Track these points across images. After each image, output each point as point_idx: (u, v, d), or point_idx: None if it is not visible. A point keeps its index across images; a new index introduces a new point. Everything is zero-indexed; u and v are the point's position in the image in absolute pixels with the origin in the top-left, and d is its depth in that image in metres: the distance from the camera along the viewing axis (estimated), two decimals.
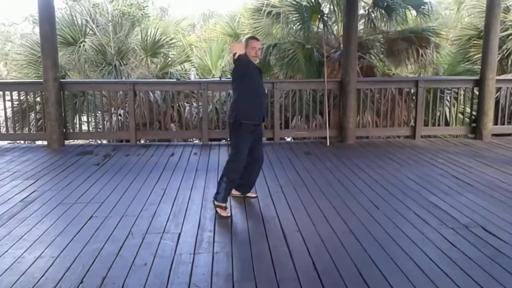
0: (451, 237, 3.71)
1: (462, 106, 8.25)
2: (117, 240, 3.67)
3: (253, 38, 4.48)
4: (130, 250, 3.49)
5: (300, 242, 3.64)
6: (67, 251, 3.49)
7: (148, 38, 10.58)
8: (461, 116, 8.24)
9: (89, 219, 4.15)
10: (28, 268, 3.21)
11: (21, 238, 3.73)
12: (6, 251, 3.48)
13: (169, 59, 10.73)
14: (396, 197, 4.72)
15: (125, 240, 3.67)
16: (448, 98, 8.18)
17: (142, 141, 8.20)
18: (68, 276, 3.09)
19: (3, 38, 31.65)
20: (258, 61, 4.45)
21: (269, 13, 10.20)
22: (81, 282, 3.01)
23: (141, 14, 11.72)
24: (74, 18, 10.34)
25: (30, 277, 3.07)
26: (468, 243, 3.60)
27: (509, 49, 9.25)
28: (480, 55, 8.06)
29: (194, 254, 3.42)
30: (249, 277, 3.08)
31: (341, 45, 8.44)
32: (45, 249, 3.53)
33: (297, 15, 9.42)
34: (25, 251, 3.48)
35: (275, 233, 3.82)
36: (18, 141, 8.11)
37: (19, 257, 3.37)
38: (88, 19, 10.47)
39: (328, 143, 7.44)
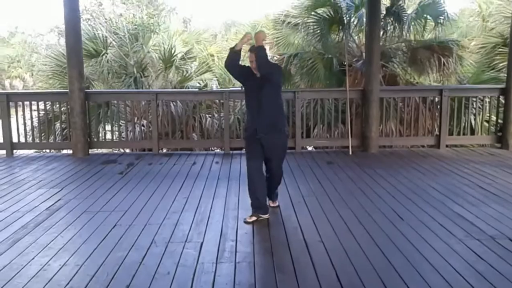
0: (478, 249, 3.63)
1: (488, 115, 8.10)
2: (140, 249, 3.70)
3: (249, 50, 4.30)
4: (153, 258, 3.52)
5: (323, 253, 3.60)
6: (92, 259, 3.54)
7: (167, 51, 10.68)
8: (486, 125, 8.08)
9: (113, 228, 4.20)
10: (53, 276, 3.25)
11: (46, 246, 3.79)
12: (33, 258, 3.54)
13: (186, 73, 10.83)
14: (420, 208, 4.65)
15: (148, 249, 3.70)
16: (474, 107, 8.03)
17: (165, 150, 8.26)
18: (92, 284, 3.12)
19: (30, 49, 32.48)
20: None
21: (289, 23, 10.24)
22: None
23: (152, 23, 11.78)
24: (95, 31, 10.55)
25: (55, 285, 3.11)
26: (496, 255, 3.52)
27: None
28: (506, 63, 7.92)
29: (216, 263, 3.42)
30: (271, 287, 3.06)
31: (363, 54, 8.41)
32: (70, 257, 3.58)
33: (316, 26, 9.41)
34: (50, 259, 3.53)
35: (298, 244, 3.80)
36: (44, 150, 8.28)
37: (44, 265, 3.42)
38: (105, 33, 10.66)
39: (350, 152, 7.39)
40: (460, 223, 4.20)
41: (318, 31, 9.40)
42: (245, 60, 5.43)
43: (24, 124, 7.80)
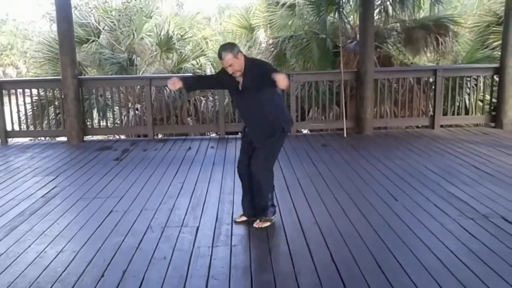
0: (471, 228, 3.67)
1: (482, 94, 8.10)
2: (136, 234, 3.72)
3: (218, 55, 3.53)
4: (149, 243, 3.54)
5: (318, 235, 3.63)
6: (88, 245, 3.56)
7: (162, 34, 10.62)
8: (480, 104, 8.09)
9: (109, 214, 4.21)
10: (50, 262, 3.27)
11: (43, 233, 3.81)
12: (29, 246, 3.56)
13: (184, 54, 10.75)
14: (415, 188, 4.68)
15: (144, 234, 3.72)
16: (468, 86, 8.02)
17: (160, 136, 8.25)
18: (89, 269, 3.15)
19: (22, 36, 32.11)
20: (238, 74, 3.50)
21: (284, 4, 10.14)
22: (102, 275, 3.06)
23: (153, 9, 11.65)
24: (89, 16, 10.44)
25: (52, 271, 3.13)
26: (489, 234, 3.55)
27: None
28: (500, 42, 7.90)
29: (212, 247, 3.45)
30: (267, 269, 3.10)
31: (357, 35, 8.36)
32: (67, 243, 3.59)
33: (312, 6, 9.32)
34: (47, 246, 3.55)
35: (293, 226, 3.83)
36: (38, 138, 8.26)
37: (41, 252, 3.44)
38: (95, 19, 10.54)
39: (345, 135, 7.40)
40: (454, 203, 4.23)
41: (315, 11, 9.29)
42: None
43: (18, 112, 7.76)
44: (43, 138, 8.35)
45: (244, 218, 3.91)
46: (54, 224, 4.00)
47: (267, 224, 3.74)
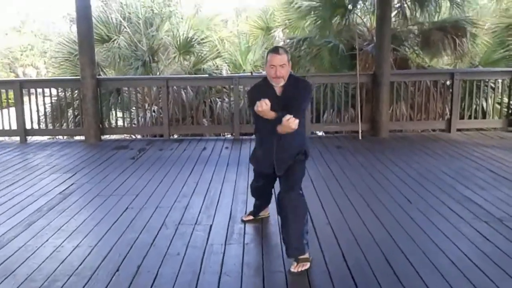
0: (485, 231, 3.65)
1: (499, 98, 8.02)
2: (151, 231, 3.78)
3: (272, 51, 3.17)
4: (164, 240, 3.59)
5: (331, 235, 3.65)
6: (104, 240, 3.63)
7: (180, 36, 10.73)
8: (498, 108, 8.01)
9: (125, 210, 4.28)
10: (67, 256, 3.34)
11: (60, 228, 3.89)
12: (47, 240, 3.64)
13: (201, 56, 10.85)
14: (429, 191, 4.66)
15: (159, 231, 3.78)
16: (485, 90, 7.94)
17: (175, 136, 8.33)
18: (105, 264, 3.21)
19: (42, 36, 32.72)
20: (281, 83, 3.16)
21: (300, 7, 10.15)
22: (117, 270, 3.12)
23: (170, 10, 11.86)
24: (109, 16, 10.59)
25: (69, 265, 3.20)
26: (502, 237, 3.53)
27: None
28: None
29: (225, 245, 3.49)
30: (279, 268, 3.12)
31: (374, 38, 8.33)
32: (83, 238, 3.67)
33: (321, 9, 9.32)
34: (64, 240, 3.63)
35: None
36: (57, 137, 8.40)
37: (58, 246, 3.52)
38: (120, 17, 10.69)
39: (360, 137, 7.39)
40: (468, 206, 4.20)
41: (326, 13, 9.29)
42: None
43: (38, 111, 7.91)
44: (61, 137, 8.49)
45: (251, 217, 3.96)
46: (71, 220, 4.08)
47: (307, 265, 3.09)
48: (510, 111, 7.85)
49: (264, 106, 2.95)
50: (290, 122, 2.86)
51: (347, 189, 4.80)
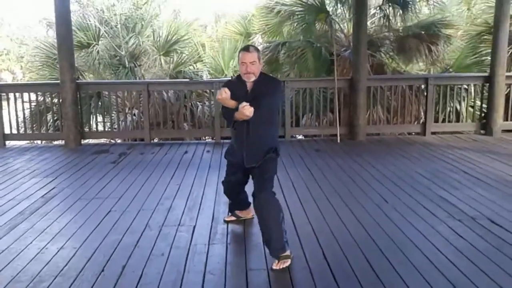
0: (459, 229, 3.81)
1: (472, 101, 8.29)
2: (135, 232, 3.83)
3: (243, 49, 3.35)
4: (147, 241, 3.65)
5: (311, 234, 3.76)
6: (88, 242, 3.66)
7: (161, 37, 10.79)
8: (471, 112, 8.28)
9: (107, 213, 4.32)
10: (51, 258, 3.37)
11: (43, 231, 3.90)
12: (31, 242, 3.66)
13: (182, 57, 10.91)
14: (405, 192, 4.82)
15: (142, 232, 3.83)
16: (459, 94, 8.21)
17: (156, 140, 8.36)
18: (90, 265, 3.25)
19: (18, 41, 32.18)
20: (252, 79, 3.30)
21: (279, 11, 10.30)
22: (103, 270, 3.16)
23: (151, 15, 11.88)
24: (87, 22, 10.56)
25: (54, 266, 3.23)
26: (475, 234, 3.69)
27: None
28: (490, 50, 8.09)
29: (208, 245, 3.57)
30: (261, 266, 3.21)
31: (351, 44, 8.52)
32: (67, 241, 3.69)
33: (303, 14, 9.50)
34: (48, 243, 3.65)
35: (287, 225, 3.91)
36: (35, 141, 8.34)
37: (42, 248, 3.54)
38: (97, 23, 10.66)
39: (338, 140, 7.54)
40: (443, 206, 4.37)
41: (306, 19, 9.48)
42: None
43: (16, 115, 7.83)
44: (40, 142, 8.43)
45: (233, 218, 4.03)
46: (54, 223, 4.10)
47: (288, 262, 3.18)
48: (482, 115, 8.11)
49: (223, 94, 3.17)
50: (245, 109, 3.06)
51: (326, 190, 4.92)
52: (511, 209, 4.24)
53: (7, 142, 7.71)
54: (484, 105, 8.02)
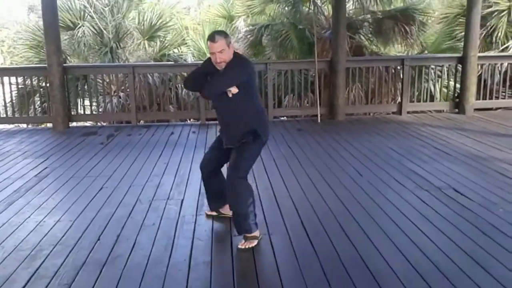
0: (425, 198, 4.17)
1: (446, 82, 8.66)
2: (127, 206, 4.11)
3: (209, 38, 3.26)
4: (139, 213, 3.93)
5: (291, 205, 4.08)
6: (83, 216, 3.93)
7: (145, 21, 10.92)
8: (445, 91, 8.65)
9: (100, 190, 4.58)
10: (50, 230, 3.64)
11: (40, 206, 4.16)
12: (29, 216, 3.91)
13: (166, 41, 11.06)
14: (379, 166, 5.16)
15: (134, 206, 4.11)
16: (433, 75, 8.57)
17: (142, 122, 8.57)
18: (86, 235, 3.53)
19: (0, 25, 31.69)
20: (222, 66, 3.26)
21: None
22: (98, 239, 3.45)
23: None
24: (73, 2, 10.61)
25: (53, 237, 3.51)
26: (440, 202, 4.06)
27: (493, 26, 9.60)
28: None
29: (196, 215, 3.87)
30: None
31: (331, 26, 8.79)
32: (63, 214, 3.96)
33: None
34: (45, 216, 3.91)
35: (268, 198, 4.26)
36: (21, 125, 8.49)
37: (40, 222, 3.81)
38: (86, 3, 10.72)
39: (319, 120, 7.85)
40: (412, 178, 4.73)
41: (290, 1, 9.72)
42: None
43: (4, 99, 7.97)
44: (25, 125, 8.58)
45: (214, 213, 3.83)
46: (49, 199, 4.35)
47: (255, 243, 3.30)
48: (456, 94, 8.49)
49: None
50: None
51: (305, 165, 5.25)
52: (474, 179, 4.62)
53: None
54: (458, 85, 8.39)
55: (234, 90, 3.25)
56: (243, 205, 3.29)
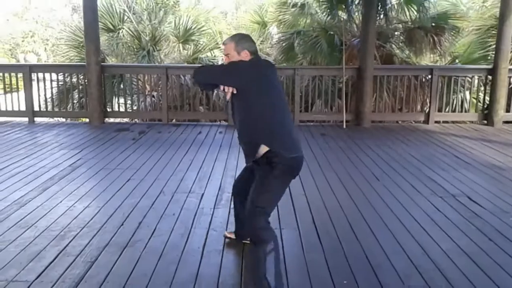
0: (438, 204, 4.25)
1: (475, 93, 8.62)
2: (150, 197, 4.38)
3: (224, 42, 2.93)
4: (161, 204, 4.19)
5: (304, 203, 4.25)
6: (110, 203, 4.22)
7: (181, 26, 11.31)
8: (474, 102, 8.61)
9: (127, 181, 4.87)
10: (78, 214, 3.94)
11: (71, 193, 4.47)
12: (60, 202, 4.23)
13: (200, 45, 11.42)
14: (397, 171, 5.26)
15: (157, 197, 4.38)
16: (462, 85, 8.56)
17: (173, 121, 8.90)
18: (111, 220, 3.81)
19: (44, 23, 33.11)
20: None
21: (295, 5, 10.73)
22: (122, 224, 3.72)
23: (173, 2, 12.49)
24: (114, 7, 11.12)
25: (81, 220, 3.80)
26: (451, 208, 4.14)
27: None
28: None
29: (214, 208, 4.10)
30: None
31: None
32: (92, 201, 4.26)
33: (325, 3, 9.92)
34: (75, 202, 4.22)
35: (284, 195, 4.41)
36: (60, 119, 8.97)
37: (71, 206, 4.11)
38: (126, 7, 11.22)
39: (344, 126, 7.98)
40: (428, 184, 4.81)
41: (328, 8, 9.91)
42: None
43: (45, 94, 8.45)
44: (64, 119, 9.05)
45: (233, 236, 3.45)
46: (80, 187, 4.67)
47: None
48: (485, 106, 8.44)
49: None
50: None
51: (324, 167, 5.41)
52: (490, 189, 4.67)
53: (35, 119, 8.34)
54: (487, 97, 8.34)
55: (228, 91, 2.74)
56: (255, 254, 2.69)
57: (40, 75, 8.32)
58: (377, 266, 3.03)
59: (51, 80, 8.46)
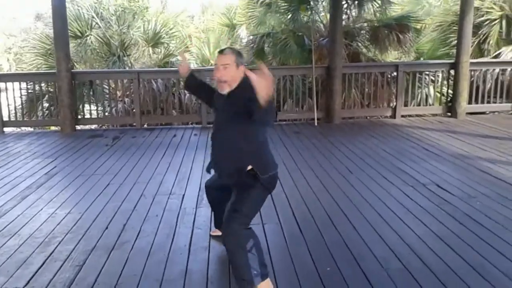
0: (409, 192, 4.47)
1: (439, 87, 8.97)
2: (132, 200, 4.43)
3: (219, 51, 2.94)
4: (143, 206, 4.26)
5: (284, 199, 4.39)
6: (92, 208, 4.25)
7: (150, 30, 11.32)
8: (438, 95, 8.96)
9: (106, 186, 4.90)
10: (61, 220, 3.97)
11: (51, 200, 4.48)
12: (41, 209, 4.24)
13: (170, 49, 11.45)
14: (369, 165, 5.47)
15: (138, 200, 4.44)
16: (426, 80, 8.90)
17: (146, 125, 8.90)
18: (95, 224, 3.85)
19: (7, 32, 32.28)
20: (225, 90, 2.87)
21: (263, 2, 10.88)
22: (106, 228, 3.77)
23: (139, 6, 12.48)
24: (81, 13, 11.02)
25: (64, 226, 3.83)
26: (422, 196, 4.36)
27: (485, 34, 9.93)
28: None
29: (196, 208, 4.19)
30: None
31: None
32: (73, 207, 4.29)
33: (285, 5, 10.11)
34: (56, 209, 4.24)
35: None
36: (28, 128, 8.86)
37: (52, 213, 4.13)
38: (93, 13, 11.14)
39: (316, 124, 8.17)
40: (400, 175, 5.03)
41: (288, 9, 10.09)
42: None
43: (14, 103, 8.32)
44: (32, 129, 8.94)
45: (218, 233, 3.30)
46: (59, 194, 4.68)
47: None
48: (448, 99, 8.79)
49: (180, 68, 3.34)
50: (258, 83, 2.36)
51: (300, 164, 5.56)
52: (459, 177, 4.92)
53: (5, 129, 8.21)
54: (450, 90, 8.69)
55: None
56: (239, 253, 2.71)
57: (9, 84, 8.21)
58: (358, 254, 3.20)
59: (20, 89, 8.34)
